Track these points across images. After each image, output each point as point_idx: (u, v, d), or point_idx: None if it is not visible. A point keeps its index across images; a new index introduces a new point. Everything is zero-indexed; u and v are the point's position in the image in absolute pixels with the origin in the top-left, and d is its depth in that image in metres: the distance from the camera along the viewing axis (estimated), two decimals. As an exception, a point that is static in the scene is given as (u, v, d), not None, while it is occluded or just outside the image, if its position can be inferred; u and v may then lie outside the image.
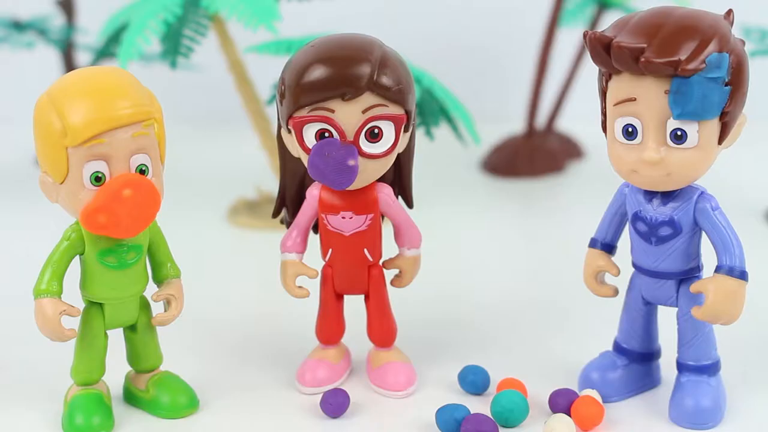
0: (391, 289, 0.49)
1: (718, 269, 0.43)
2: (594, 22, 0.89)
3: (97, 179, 0.40)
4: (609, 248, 0.47)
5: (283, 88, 0.43)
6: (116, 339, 0.45)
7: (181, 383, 0.45)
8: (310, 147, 0.43)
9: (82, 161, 0.39)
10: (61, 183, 0.40)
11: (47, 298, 0.40)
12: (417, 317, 0.55)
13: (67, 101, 0.39)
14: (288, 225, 0.48)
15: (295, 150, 0.44)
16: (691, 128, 0.41)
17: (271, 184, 0.78)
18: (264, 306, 0.58)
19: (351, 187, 0.44)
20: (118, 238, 0.41)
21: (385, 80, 0.42)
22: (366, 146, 0.43)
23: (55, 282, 0.41)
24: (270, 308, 0.58)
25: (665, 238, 0.44)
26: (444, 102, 0.70)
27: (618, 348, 0.47)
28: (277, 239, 0.49)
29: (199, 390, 0.46)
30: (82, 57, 1.03)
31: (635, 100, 0.41)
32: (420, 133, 0.69)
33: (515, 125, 1.01)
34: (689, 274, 0.45)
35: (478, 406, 0.44)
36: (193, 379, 0.47)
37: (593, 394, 0.44)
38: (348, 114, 0.42)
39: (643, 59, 0.39)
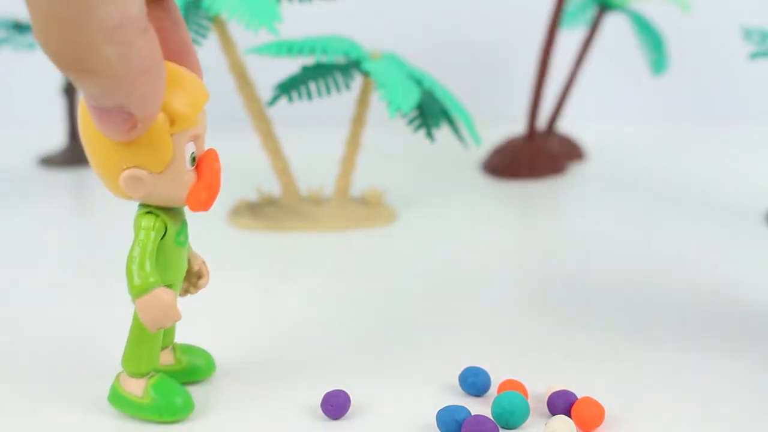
0: (391, 290, 0.48)
1: None
2: (595, 24, 0.89)
3: (193, 160, 0.41)
4: None
5: None
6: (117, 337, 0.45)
7: (195, 346, 0.48)
8: None
9: (183, 144, 0.40)
10: (161, 172, 0.40)
11: (160, 287, 0.41)
12: (417, 318, 0.55)
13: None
14: None
15: None
16: None
17: (272, 185, 0.79)
18: (264, 306, 0.58)
19: None
20: (181, 218, 0.44)
21: None
22: None
23: (157, 272, 0.42)
24: (270, 308, 0.58)
25: None
26: (445, 103, 0.70)
27: None
28: (277, 240, 0.49)
29: (199, 390, 0.47)
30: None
31: None
32: (421, 135, 0.69)
33: (516, 127, 1.01)
34: None
35: (479, 407, 0.45)
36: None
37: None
38: None
39: None
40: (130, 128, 0.38)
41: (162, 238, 0.43)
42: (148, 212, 0.42)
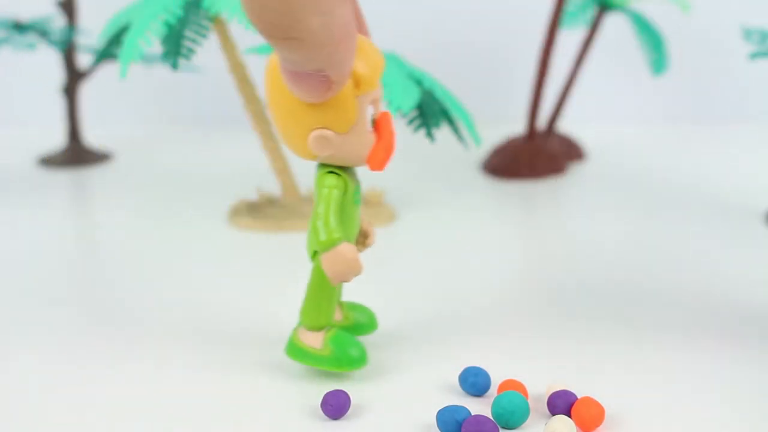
0: (391, 291, 0.49)
1: None
2: (595, 24, 0.89)
3: (372, 122, 0.44)
4: None
5: None
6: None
7: (358, 303, 0.51)
8: None
9: (364, 107, 0.43)
10: (346, 132, 0.43)
11: (344, 243, 0.44)
12: (417, 318, 0.55)
13: None
14: None
15: None
16: None
17: (271, 185, 0.78)
18: (264, 306, 0.58)
19: None
20: (356, 179, 0.46)
21: None
22: None
23: (341, 228, 0.44)
24: (270, 308, 0.58)
25: None
26: (445, 103, 0.70)
27: None
28: (277, 240, 0.49)
29: (199, 391, 0.47)
30: (83, 58, 1.03)
31: None
32: (421, 135, 0.69)
33: (516, 127, 1.01)
34: None
35: (479, 407, 0.45)
36: (194, 379, 0.48)
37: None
38: None
39: None
40: (326, 90, 0.41)
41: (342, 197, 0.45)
42: (330, 172, 0.45)
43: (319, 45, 0.39)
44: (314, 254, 0.46)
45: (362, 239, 0.49)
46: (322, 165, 0.45)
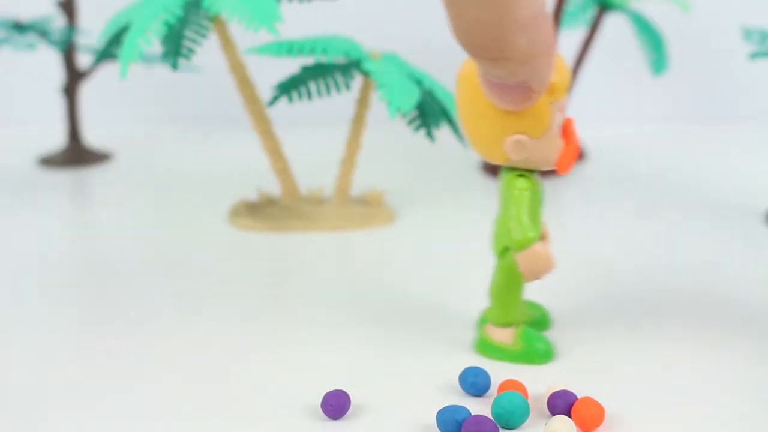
0: (391, 290, 0.49)
1: None
2: (595, 24, 0.89)
3: (560, 128, 0.47)
4: None
5: None
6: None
7: (532, 301, 0.54)
8: None
9: (555, 113, 0.46)
10: (539, 137, 0.46)
11: (538, 243, 0.47)
12: (417, 317, 0.55)
13: None
14: None
15: None
16: None
17: (271, 185, 0.78)
18: (264, 306, 0.58)
19: None
20: (539, 181, 0.49)
21: None
22: None
23: (533, 227, 0.47)
24: (270, 309, 0.58)
25: None
26: (445, 103, 0.70)
27: None
28: (277, 241, 0.49)
29: (199, 390, 0.47)
30: (83, 58, 1.03)
31: None
32: (421, 135, 0.69)
33: (516, 126, 1.01)
34: None
35: (479, 407, 0.45)
36: (194, 379, 0.48)
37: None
38: None
39: None
40: (527, 99, 0.44)
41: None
42: (519, 175, 0.48)
43: (525, 61, 0.41)
44: (502, 252, 0.48)
45: (540, 239, 0.50)
46: (510, 168, 0.48)
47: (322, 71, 0.68)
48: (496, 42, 0.40)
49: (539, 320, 0.53)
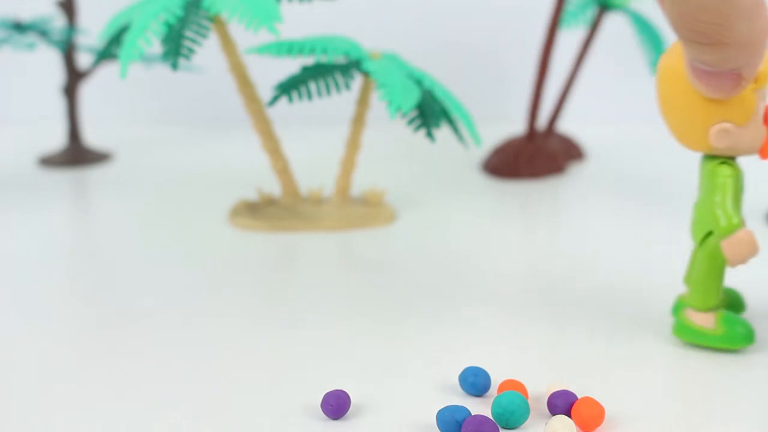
0: (391, 290, 0.48)
1: None
2: (595, 24, 0.89)
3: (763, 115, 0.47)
4: None
5: None
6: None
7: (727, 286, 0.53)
8: None
9: (759, 101, 0.46)
10: (744, 125, 0.46)
11: (743, 228, 0.48)
12: (417, 317, 0.55)
13: None
14: None
15: None
16: None
17: (271, 185, 0.78)
18: (264, 306, 0.58)
19: None
20: (740, 167, 0.49)
21: None
22: None
23: (738, 213, 0.48)
24: (270, 308, 0.58)
25: None
26: (445, 103, 0.70)
27: None
28: (277, 241, 0.49)
29: (199, 390, 0.47)
30: (83, 58, 1.03)
31: None
32: (421, 135, 0.69)
33: (516, 127, 1.01)
34: None
35: (479, 407, 0.45)
36: (193, 378, 0.48)
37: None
38: None
39: None
40: (736, 87, 0.44)
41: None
42: (722, 162, 0.48)
43: (742, 47, 0.41)
44: (703, 238, 0.49)
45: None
46: (709, 157, 0.49)
47: (322, 71, 0.68)
48: (718, 27, 0.40)
49: (735, 304, 0.53)
